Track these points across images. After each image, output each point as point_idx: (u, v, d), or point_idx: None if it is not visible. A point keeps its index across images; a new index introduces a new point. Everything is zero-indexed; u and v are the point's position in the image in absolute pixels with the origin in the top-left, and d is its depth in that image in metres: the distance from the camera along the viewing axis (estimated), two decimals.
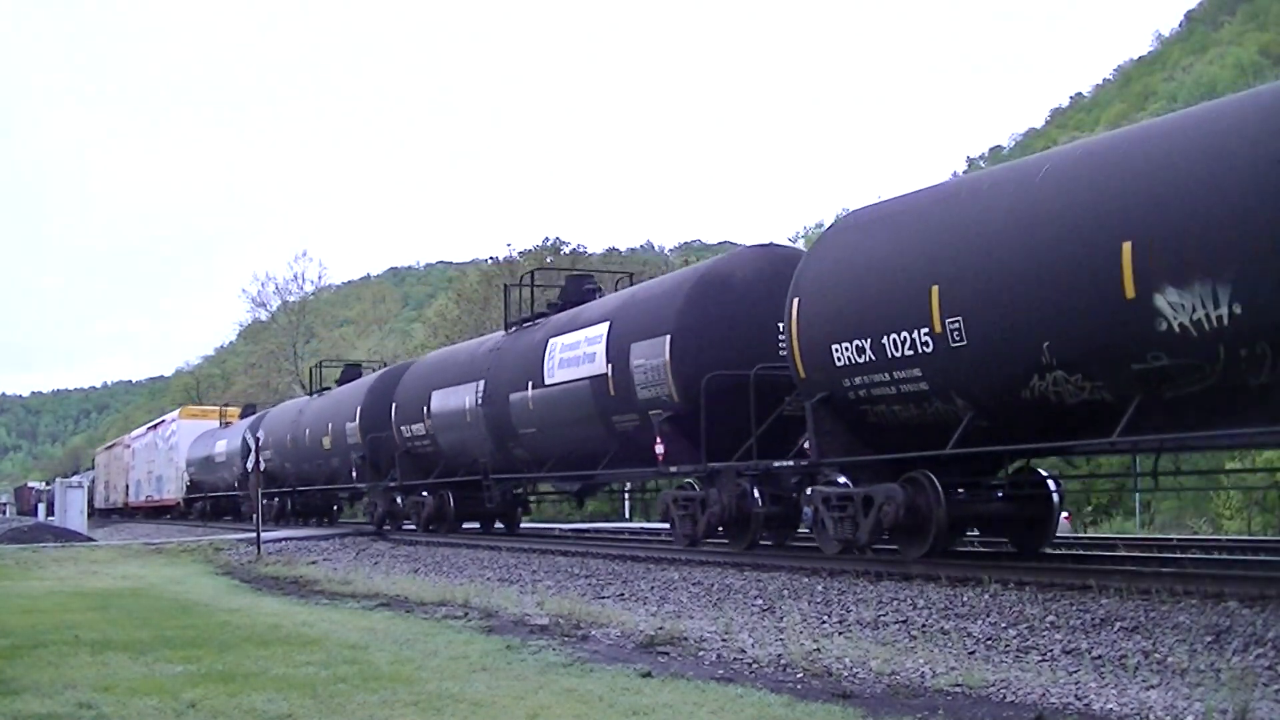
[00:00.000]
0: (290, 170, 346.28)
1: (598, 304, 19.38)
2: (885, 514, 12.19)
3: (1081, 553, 14.41)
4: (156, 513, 48.58)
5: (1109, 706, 6.23)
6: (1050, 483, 12.93)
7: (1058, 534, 14.04)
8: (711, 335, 15.65)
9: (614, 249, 68.71)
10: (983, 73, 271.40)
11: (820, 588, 11.79)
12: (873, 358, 12.27)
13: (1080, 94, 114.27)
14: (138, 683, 7.46)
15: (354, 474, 27.95)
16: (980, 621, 9.35)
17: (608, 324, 17.66)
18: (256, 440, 24.09)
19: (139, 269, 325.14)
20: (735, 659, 8.16)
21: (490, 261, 58.00)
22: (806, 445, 13.58)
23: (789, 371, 13.80)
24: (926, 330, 11.58)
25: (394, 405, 25.83)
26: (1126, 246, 9.49)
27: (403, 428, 25.25)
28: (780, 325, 14.02)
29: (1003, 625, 9.11)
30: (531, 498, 26.19)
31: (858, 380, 12.56)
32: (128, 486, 54.82)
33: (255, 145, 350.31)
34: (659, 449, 16.06)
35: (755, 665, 7.89)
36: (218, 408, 48.78)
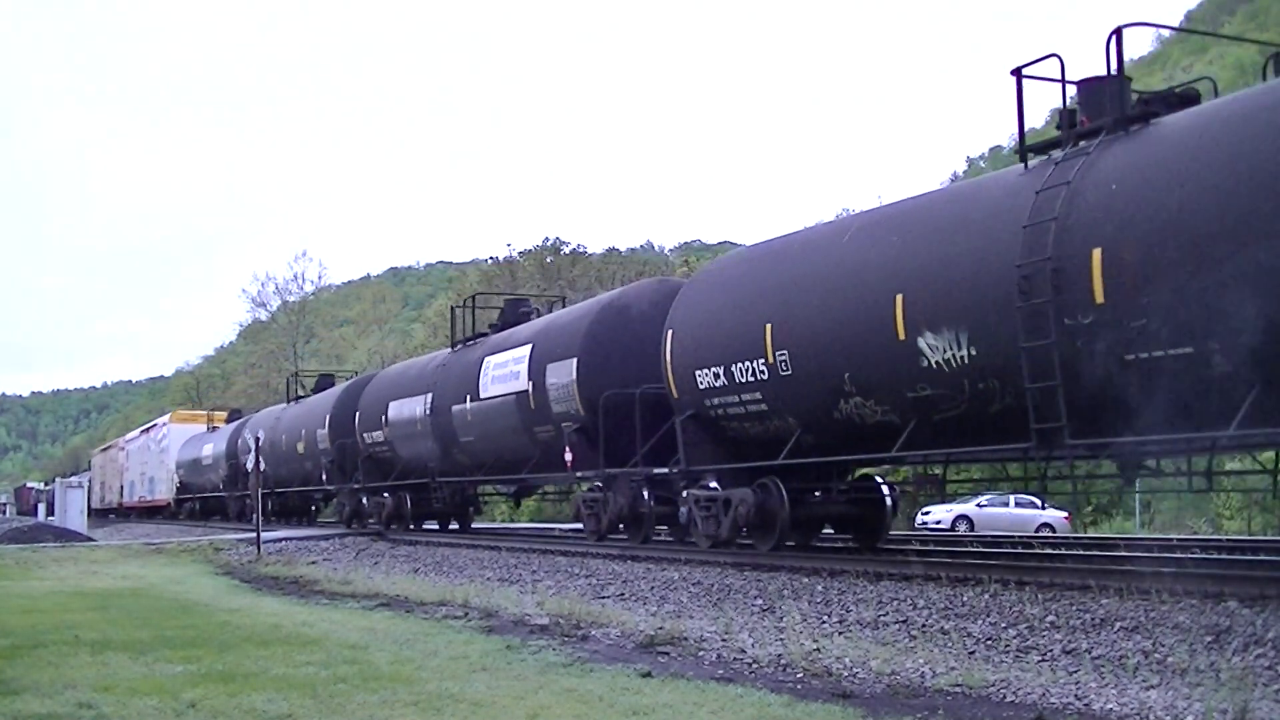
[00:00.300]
0: (290, 170, 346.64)
1: (525, 328, 21.58)
2: (740, 514, 14.74)
3: (1081, 553, 14.44)
4: (150, 513, 50.18)
5: (1109, 706, 6.23)
6: (884, 488, 15.44)
7: (1056, 534, 14.44)
8: (610, 358, 18.02)
9: (614, 249, 68.73)
10: (983, 73, 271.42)
11: (820, 588, 11.79)
12: (725, 382, 14.81)
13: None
14: (138, 683, 7.46)
15: (324, 476, 30.06)
16: (980, 621, 9.35)
17: (530, 346, 20.11)
18: (257, 440, 24.13)
19: (139, 269, 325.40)
20: (735, 659, 8.16)
21: (490, 261, 58.02)
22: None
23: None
24: (763, 361, 14.06)
25: (357, 414, 28.07)
26: (899, 298, 11.95)
27: (365, 434, 27.57)
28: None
29: (1003, 625, 9.11)
30: (485, 499, 28.53)
31: (716, 401, 15.09)
32: (122, 487, 56.34)
33: (255, 145, 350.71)
34: (568, 456, 18.58)
35: (755, 665, 7.89)
36: (205, 412, 50.52)
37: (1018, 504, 31.32)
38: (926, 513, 31.73)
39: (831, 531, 17.04)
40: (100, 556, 21.89)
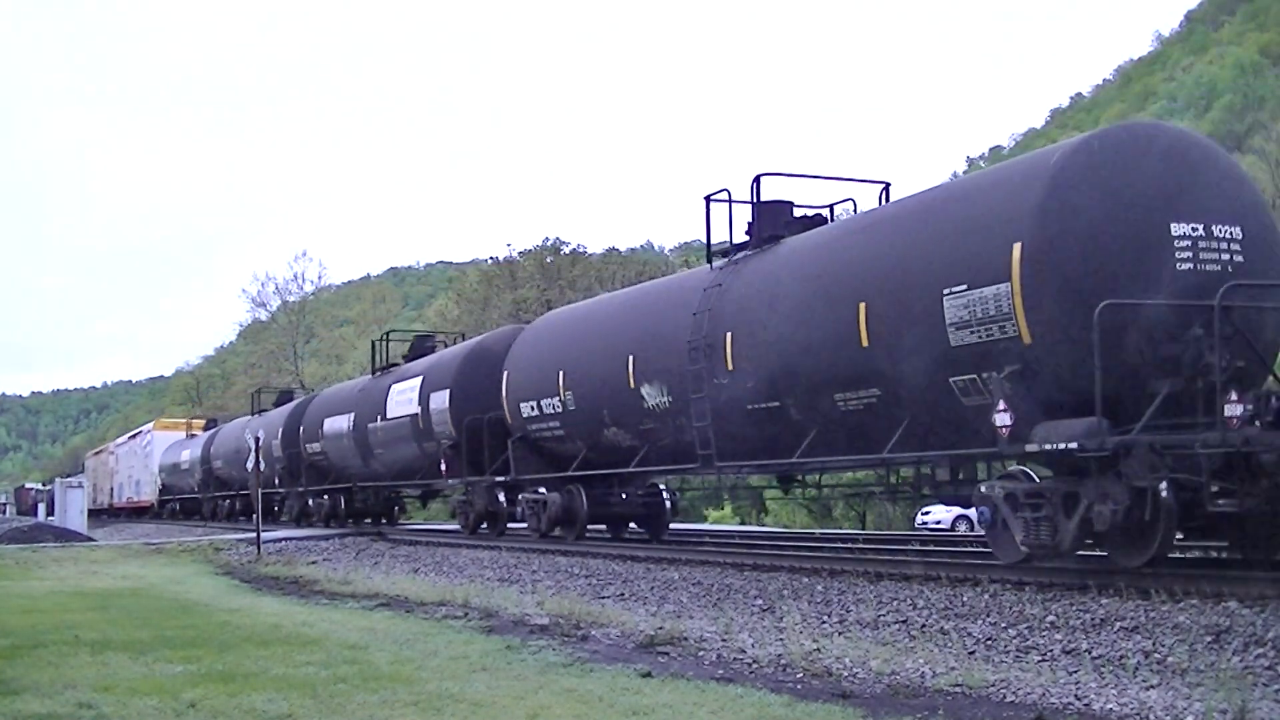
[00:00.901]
0: (290, 170, 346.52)
1: (419, 362, 26.21)
2: (550, 511, 19.33)
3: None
4: (138, 512, 53.28)
5: (1109, 706, 6.23)
6: (664, 491, 20.51)
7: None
8: (474, 390, 22.05)
9: (614, 249, 68.62)
10: (983, 73, 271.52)
11: (820, 588, 11.79)
12: (539, 413, 19.50)
13: (1080, 94, 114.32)
14: (138, 683, 7.46)
15: (277, 480, 33.96)
16: (980, 621, 9.35)
17: (421, 378, 24.62)
18: (257, 440, 24.15)
19: (139, 269, 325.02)
20: (735, 659, 8.17)
21: (490, 261, 57.97)
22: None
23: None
24: (559, 398, 18.83)
25: (301, 427, 32.64)
26: (630, 358, 16.77)
27: (307, 445, 32.14)
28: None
29: (1003, 625, 9.11)
30: (407, 499, 32.55)
31: (533, 427, 19.79)
32: (112, 489, 59.32)
33: (255, 145, 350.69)
34: (443, 467, 22.76)
35: (755, 665, 7.90)
36: (185, 420, 55.52)
37: None
38: (926, 513, 31.74)
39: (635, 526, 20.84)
40: (100, 556, 21.90)
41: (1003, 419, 10.47)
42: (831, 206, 15.76)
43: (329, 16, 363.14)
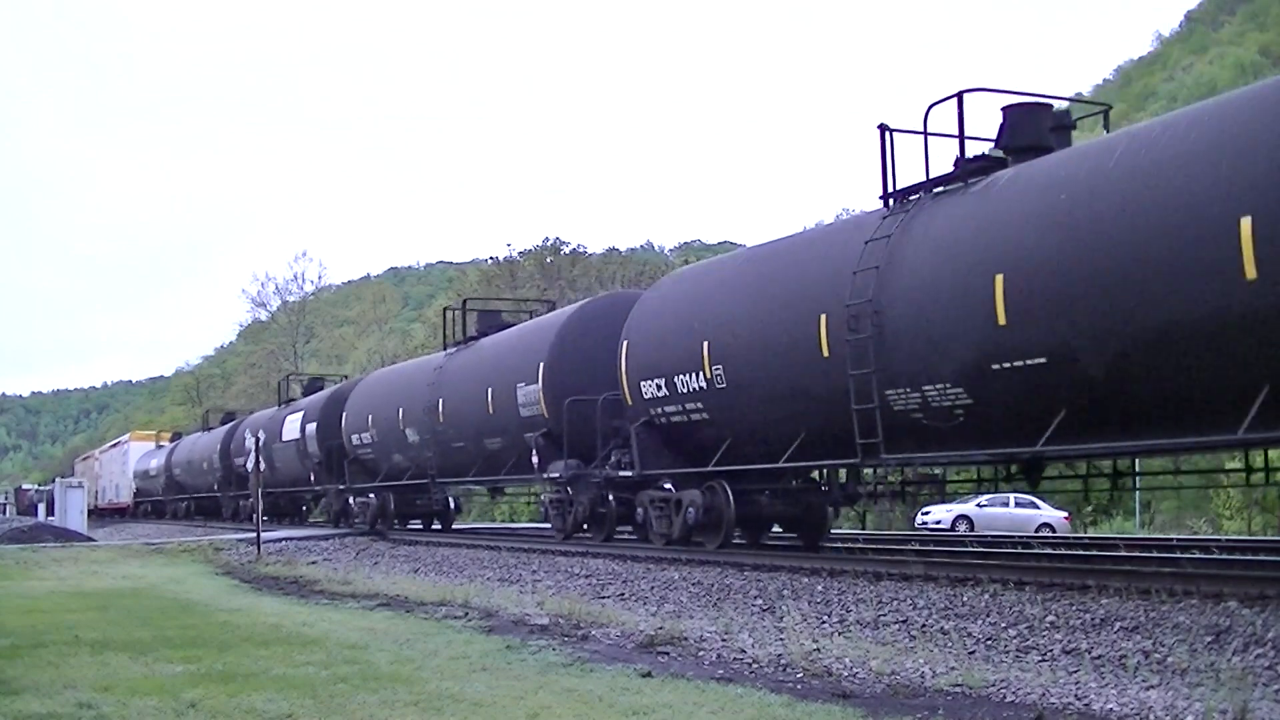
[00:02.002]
0: (290, 170, 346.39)
1: (300, 402, 33.97)
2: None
3: (1081, 553, 14.44)
4: (119, 512, 59.34)
5: (1109, 706, 6.23)
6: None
7: (1056, 534, 14.39)
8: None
9: (614, 249, 68.67)
10: (982, 73, 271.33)
11: (820, 588, 11.79)
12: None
13: (1080, 94, 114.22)
14: (138, 683, 7.46)
15: (215, 486, 41.71)
16: (980, 621, 9.35)
17: (302, 413, 32.59)
18: (257, 440, 24.15)
19: (139, 269, 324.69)
20: (735, 659, 8.17)
21: (490, 261, 57.98)
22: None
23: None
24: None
25: (231, 445, 39.79)
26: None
27: (235, 459, 38.51)
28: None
29: (1003, 625, 9.11)
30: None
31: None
32: (97, 492, 63.08)
33: (255, 145, 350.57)
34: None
35: (755, 665, 7.89)
36: (154, 432, 63.40)
37: (1017, 504, 31.34)
38: (926, 513, 31.78)
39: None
40: (100, 556, 21.90)
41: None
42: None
43: (329, 17, 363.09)
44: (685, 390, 15.75)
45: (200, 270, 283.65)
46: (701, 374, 15.30)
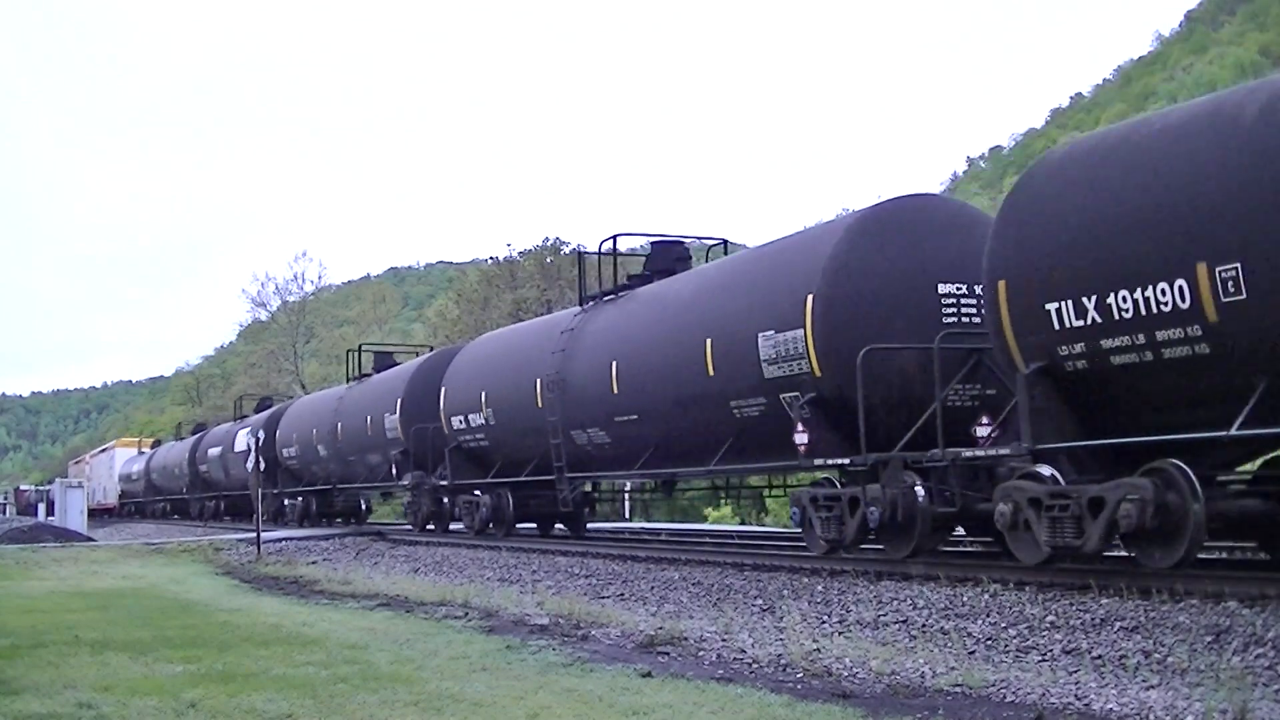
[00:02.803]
0: (290, 170, 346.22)
1: (250, 419, 34.98)
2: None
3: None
4: (107, 512, 63.27)
5: (1109, 706, 6.23)
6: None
7: None
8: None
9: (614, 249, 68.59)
10: (983, 73, 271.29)
11: (820, 588, 11.79)
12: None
13: (1080, 94, 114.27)
14: (138, 683, 7.46)
15: (184, 489, 46.97)
16: (980, 621, 9.34)
17: (249, 428, 33.24)
18: (257, 440, 24.17)
19: (139, 269, 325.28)
20: (735, 659, 8.16)
21: (490, 261, 57.89)
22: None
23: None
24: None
25: (196, 454, 44.94)
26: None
27: (199, 465, 43.93)
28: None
29: (1003, 625, 9.10)
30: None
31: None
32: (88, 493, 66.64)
33: (255, 146, 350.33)
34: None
35: (755, 665, 7.89)
36: (137, 439, 68.89)
37: None
38: None
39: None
40: (100, 556, 21.90)
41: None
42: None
43: (330, 17, 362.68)
44: (475, 424, 21.94)
45: (200, 270, 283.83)
46: (482, 413, 21.60)
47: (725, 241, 19.28)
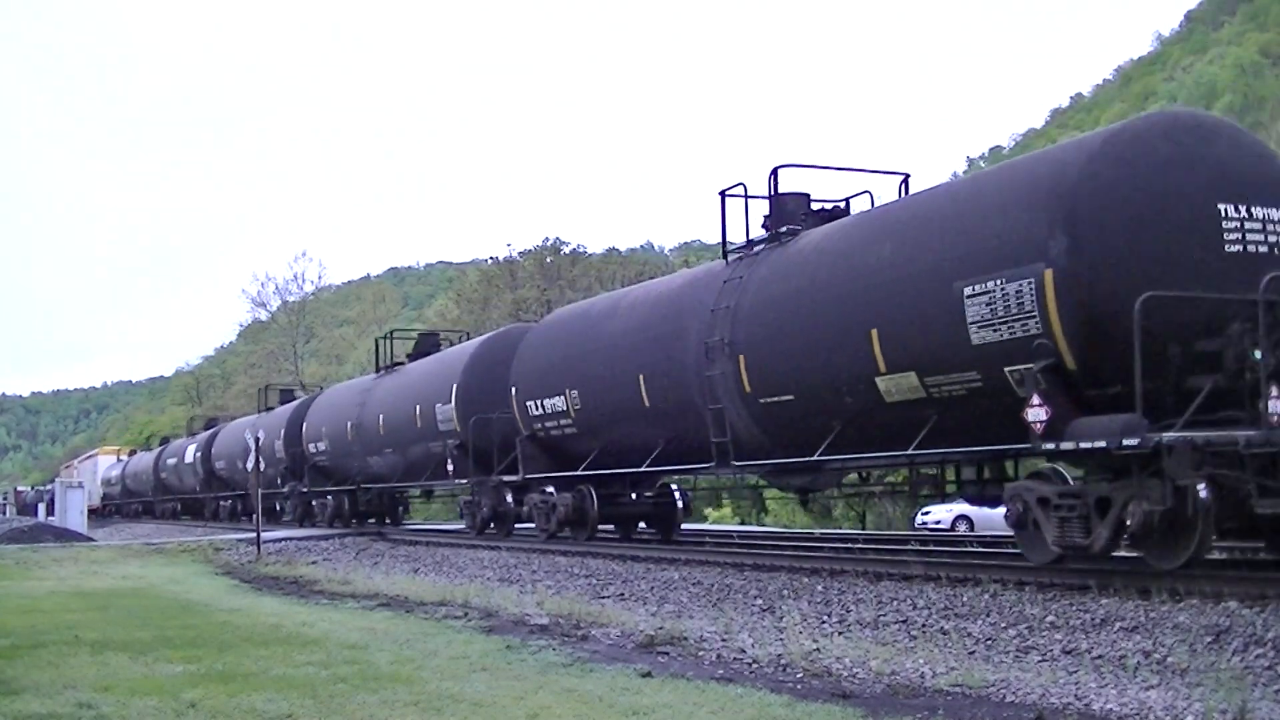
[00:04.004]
0: (290, 170, 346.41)
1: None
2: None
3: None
4: (91, 513, 67.47)
5: (1109, 706, 6.23)
6: (676, 491, 20.28)
7: None
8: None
9: (614, 249, 68.62)
10: (983, 73, 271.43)
11: (820, 588, 11.79)
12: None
13: (1080, 94, 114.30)
14: (138, 683, 7.46)
15: (151, 493, 53.46)
16: (980, 621, 9.35)
17: (195, 443, 42.74)
18: (257, 440, 24.16)
19: (139, 269, 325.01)
20: (735, 659, 8.17)
21: (490, 261, 57.93)
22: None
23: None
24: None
25: (159, 463, 51.73)
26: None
27: (161, 474, 50.82)
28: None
29: (1003, 625, 9.11)
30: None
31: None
32: None
33: (255, 145, 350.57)
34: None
35: (755, 665, 7.89)
36: (117, 447, 75.58)
37: None
38: (926, 512, 31.72)
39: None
40: (100, 556, 21.90)
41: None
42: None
43: (330, 17, 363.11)
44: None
45: (200, 270, 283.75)
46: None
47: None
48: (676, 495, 19.87)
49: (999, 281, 10.67)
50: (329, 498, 30.98)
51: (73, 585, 15.81)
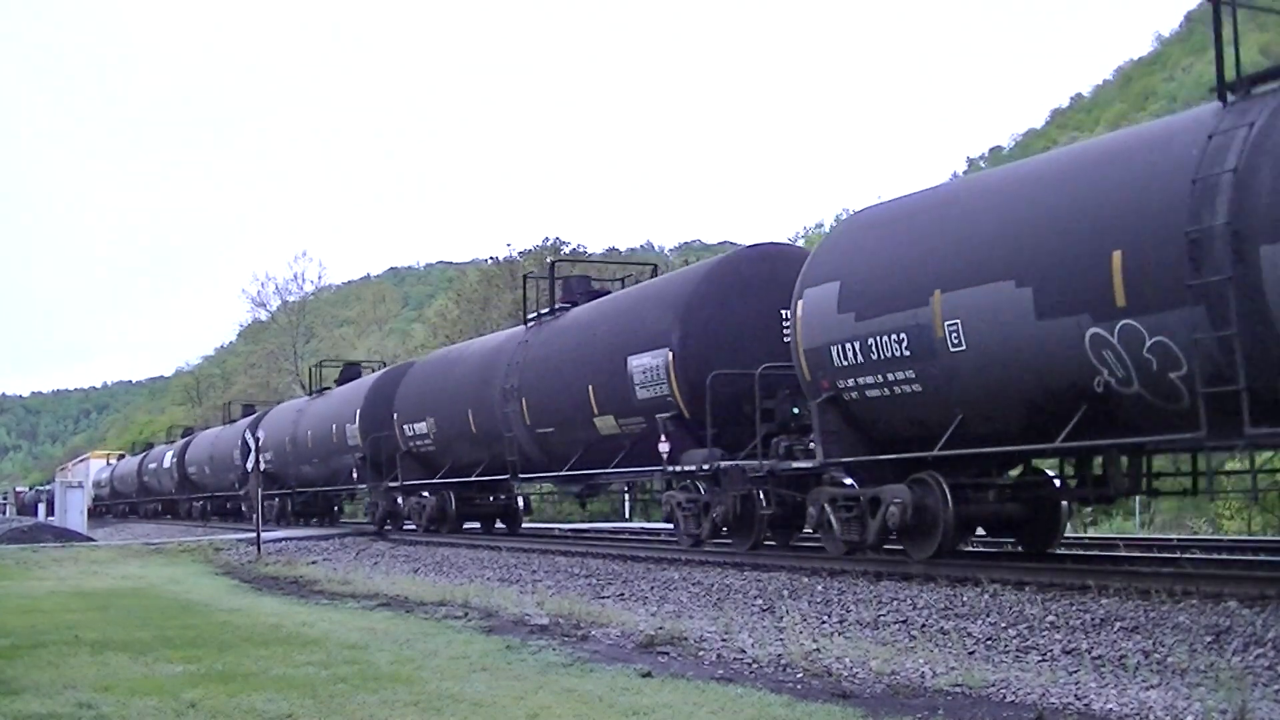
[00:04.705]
0: (290, 170, 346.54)
1: (177, 444, 38.08)
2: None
3: (1081, 553, 14.42)
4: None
5: (1109, 706, 6.23)
6: (520, 499, 24.78)
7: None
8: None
9: (614, 249, 68.71)
10: (983, 73, 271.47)
11: (820, 588, 11.79)
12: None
13: (1080, 94, 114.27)
14: (138, 683, 7.46)
15: (134, 494, 58.56)
16: (980, 621, 9.35)
17: (171, 450, 47.29)
18: (257, 440, 24.16)
19: (139, 269, 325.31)
20: (735, 659, 8.16)
21: (490, 261, 57.89)
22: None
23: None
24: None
25: (141, 467, 56.73)
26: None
27: (143, 477, 55.78)
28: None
29: (1003, 625, 9.11)
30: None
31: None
32: None
33: (255, 146, 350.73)
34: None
35: (755, 665, 7.89)
36: (107, 452, 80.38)
37: None
38: None
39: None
40: (100, 556, 21.90)
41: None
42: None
43: (330, 17, 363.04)
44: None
45: (200, 270, 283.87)
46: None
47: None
48: (520, 501, 25.71)
49: (650, 355, 16.66)
50: (275, 499, 36.10)
51: (73, 585, 15.81)
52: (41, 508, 54.83)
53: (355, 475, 28.48)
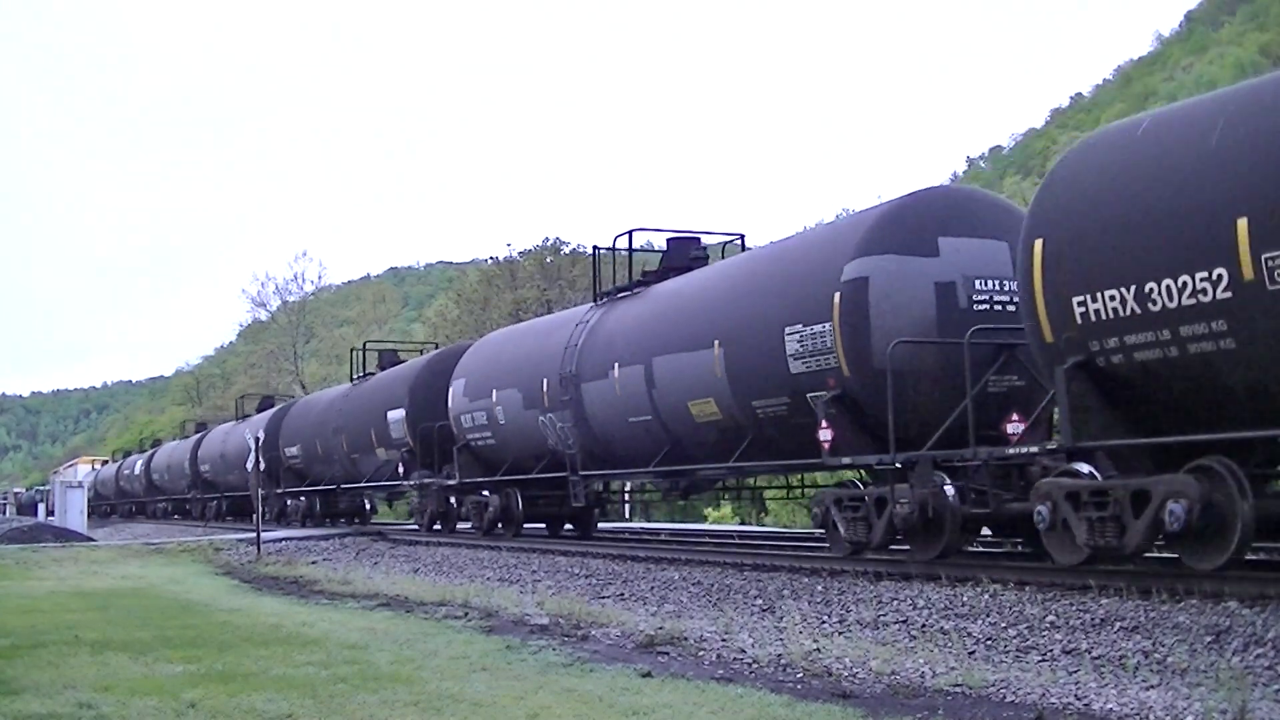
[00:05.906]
0: (290, 170, 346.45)
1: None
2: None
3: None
4: None
5: (1109, 706, 6.23)
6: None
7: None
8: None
9: (615, 249, 68.55)
10: (983, 73, 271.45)
11: (820, 588, 11.79)
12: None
13: (1080, 94, 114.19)
14: (138, 683, 7.46)
15: (113, 497, 63.58)
16: (980, 621, 9.34)
17: (142, 460, 55.10)
18: (257, 440, 24.18)
19: (139, 269, 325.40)
20: (735, 659, 8.16)
21: (490, 261, 57.84)
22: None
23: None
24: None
25: (118, 473, 63.56)
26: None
27: (120, 482, 61.60)
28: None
29: (1003, 625, 9.11)
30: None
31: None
32: None
33: (255, 146, 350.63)
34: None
35: (755, 665, 7.89)
36: (94, 458, 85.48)
37: None
38: None
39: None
40: (100, 556, 21.89)
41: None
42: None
43: (330, 16, 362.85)
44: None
45: (200, 270, 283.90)
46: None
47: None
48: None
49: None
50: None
51: (73, 585, 15.81)
52: (41, 508, 55.02)
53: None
